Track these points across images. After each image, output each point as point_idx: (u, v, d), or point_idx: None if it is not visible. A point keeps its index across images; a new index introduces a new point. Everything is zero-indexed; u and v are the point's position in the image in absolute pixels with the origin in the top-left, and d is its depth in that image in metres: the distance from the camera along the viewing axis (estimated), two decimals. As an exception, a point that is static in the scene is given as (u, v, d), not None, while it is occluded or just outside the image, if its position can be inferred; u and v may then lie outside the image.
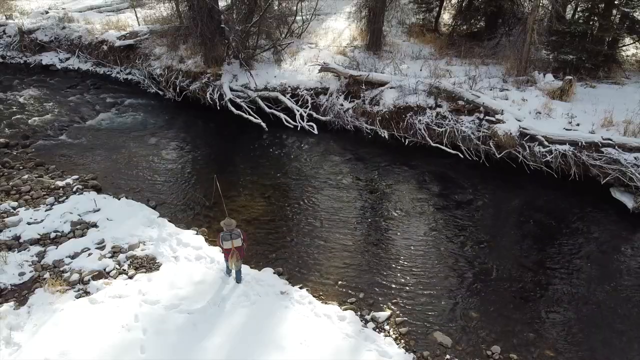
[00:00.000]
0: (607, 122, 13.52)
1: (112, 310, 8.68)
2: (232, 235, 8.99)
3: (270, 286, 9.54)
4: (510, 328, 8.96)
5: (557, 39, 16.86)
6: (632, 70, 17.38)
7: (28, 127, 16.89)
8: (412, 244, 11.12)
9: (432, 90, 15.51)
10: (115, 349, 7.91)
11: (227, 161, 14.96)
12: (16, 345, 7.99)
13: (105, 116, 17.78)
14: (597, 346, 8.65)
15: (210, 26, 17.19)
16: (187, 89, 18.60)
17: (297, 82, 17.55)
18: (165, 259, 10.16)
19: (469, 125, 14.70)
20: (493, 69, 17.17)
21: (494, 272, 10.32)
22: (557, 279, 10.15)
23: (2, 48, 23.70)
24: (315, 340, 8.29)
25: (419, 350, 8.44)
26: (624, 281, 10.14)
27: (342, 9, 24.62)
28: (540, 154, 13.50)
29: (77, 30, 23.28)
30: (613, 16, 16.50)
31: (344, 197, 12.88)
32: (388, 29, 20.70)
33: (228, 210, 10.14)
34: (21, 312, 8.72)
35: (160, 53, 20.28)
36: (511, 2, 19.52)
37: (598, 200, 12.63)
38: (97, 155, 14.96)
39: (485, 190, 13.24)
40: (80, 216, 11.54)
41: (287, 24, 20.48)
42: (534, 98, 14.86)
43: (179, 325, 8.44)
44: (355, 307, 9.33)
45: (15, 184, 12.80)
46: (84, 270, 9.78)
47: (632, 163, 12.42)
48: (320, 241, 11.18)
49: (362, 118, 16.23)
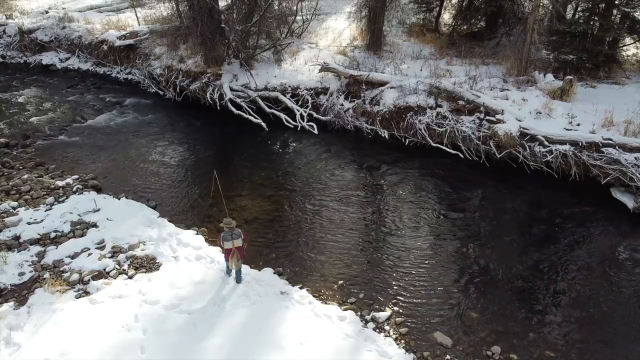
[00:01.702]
0: (608, 122, 13.51)
1: (112, 310, 8.67)
2: (232, 235, 9.00)
3: (270, 286, 9.53)
4: (510, 328, 8.95)
5: (557, 39, 16.84)
6: (633, 70, 17.36)
7: (28, 127, 16.89)
8: (412, 244, 11.11)
9: (433, 90, 15.50)
10: (115, 349, 7.90)
11: (227, 161, 14.95)
12: (16, 345, 7.99)
13: (105, 116, 17.79)
14: (597, 346, 8.64)
15: (210, 26, 17.19)
16: (187, 89, 18.60)
17: (297, 82, 17.55)
18: (165, 259, 10.16)
19: (469, 125, 14.69)
20: (493, 68, 17.16)
21: (494, 272, 10.32)
22: (557, 279, 10.15)
23: (2, 48, 23.72)
24: (316, 340, 8.28)
25: (419, 351, 8.44)
26: (624, 281, 10.14)
27: (342, 8, 24.61)
28: (541, 154, 13.49)
29: (77, 30, 23.29)
30: (613, 16, 16.49)
31: (343, 197, 12.87)
32: (388, 29, 20.69)
33: (228, 210, 10.14)
34: (21, 312, 8.72)
35: (160, 53, 20.29)
36: (511, 2, 19.52)
37: (598, 200, 12.62)
38: (97, 155, 14.95)
39: (485, 190, 13.23)
40: (80, 216, 11.54)
41: (287, 23, 20.48)
42: (534, 98, 14.84)
43: (179, 326, 8.43)
44: (355, 307, 9.32)
45: (15, 184, 12.80)
46: (84, 270, 9.77)
47: (632, 163, 12.40)
48: (320, 241, 11.17)
49: (362, 118, 16.22)
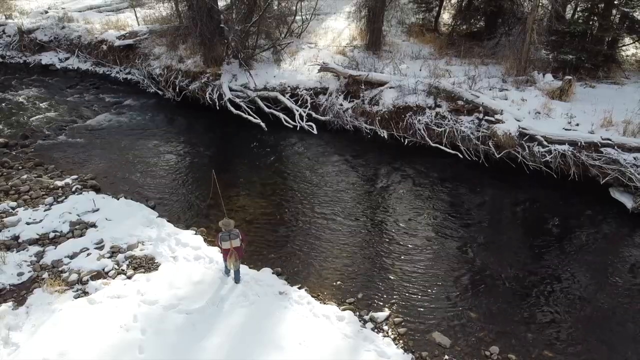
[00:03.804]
0: (607, 122, 13.51)
1: (110, 311, 8.68)
2: (230, 235, 9.00)
3: (269, 286, 9.53)
4: (508, 328, 8.95)
5: (556, 39, 16.84)
6: (632, 70, 17.35)
7: (27, 127, 16.88)
8: (411, 244, 11.11)
9: (432, 90, 15.50)
10: (114, 349, 7.91)
11: (226, 161, 14.94)
12: (15, 346, 7.99)
13: (104, 116, 17.78)
14: (597, 346, 8.64)
15: (209, 26, 17.19)
16: (186, 89, 18.59)
17: (296, 82, 17.54)
18: (164, 259, 10.16)
19: (469, 125, 14.69)
20: (492, 68, 17.15)
21: (492, 272, 10.32)
22: (556, 279, 10.15)
23: (2, 48, 23.71)
24: (314, 340, 8.29)
25: (418, 351, 8.44)
26: (623, 281, 10.13)
27: (342, 8, 24.61)
28: (540, 154, 13.48)
29: (76, 30, 23.29)
30: (613, 16, 16.48)
31: (342, 197, 12.88)
32: (388, 29, 20.70)
33: (227, 210, 10.13)
34: (20, 312, 8.72)
35: (159, 53, 20.28)
36: (511, 2, 19.50)
37: (597, 200, 12.61)
38: (96, 155, 14.95)
39: (484, 190, 13.24)
40: (79, 216, 11.54)
41: (286, 23, 20.47)
42: (533, 98, 14.85)
43: (177, 326, 8.43)
44: (354, 307, 9.33)
45: (14, 184, 12.80)
46: (83, 270, 9.78)
47: (631, 163, 12.39)
48: (319, 241, 11.17)
49: (362, 118, 16.21)
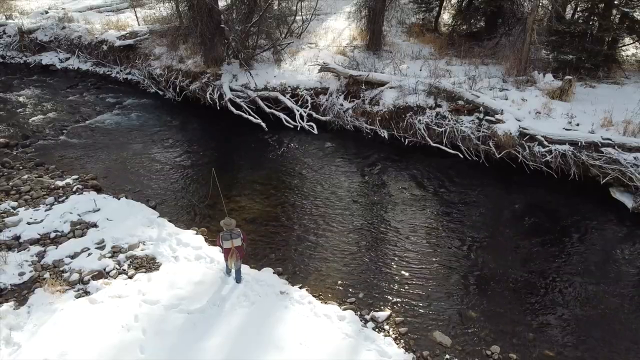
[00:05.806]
0: (607, 122, 13.51)
1: (111, 310, 8.67)
2: (231, 235, 9.00)
3: (270, 286, 9.52)
4: (509, 328, 8.95)
5: (556, 39, 16.84)
6: (632, 70, 17.36)
7: (28, 127, 16.91)
8: (412, 244, 11.12)
9: (432, 90, 15.52)
10: (115, 349, 7.90)
11: (226, 161, 14.96)
12: (16, 345, 7.99)
13: (105, 116, 17.81)
14: (597, 346, 8.64)
15: (210, 26, 17.21)
16: (187, 89, 18.62)
17: (296, 82, 17.56)
18: (165, 258, 10.16)
19: (469, 125, 14.70)
20: (493, 68, 17.17)
21: (493, 271, 10.32)
22: (556, 278, 10.15)
23: (2, 48, 23.76)
24: (315, 340, 8.28)
25: (419, 350, 8.43)
26: (624, 281, 10.14)
27: (342, 8, 24.64)
28: (540, 153, 13.50)
29: (77, 30, 23.34)
30: (613, 16, 16.49)
31: (343, 197, 12.89)
32: (388, 29, 20.71)
33: (228, 210, 10.13)
34: (21, 312, 8.72)
35: (160, 53, 20.31)
36: (511, 2, 19.53)
37: (598, 200, 12.62)
38: (96, 155, 14.96)
39: (484, 190, 13.24)
40: (80, 216, 11.54)
41: (287, 23, 20.51)
42: (533, 98, 14.85)
43: (178, 325, 8.43)
44: (355, 307, 9.32)
45: (15, 184, 12.81)
46: (84, 270, 9.77)
47: (631, 163, 12.40)
48: (320, 241, 11.17)
49: (362, 118, 16.23)
